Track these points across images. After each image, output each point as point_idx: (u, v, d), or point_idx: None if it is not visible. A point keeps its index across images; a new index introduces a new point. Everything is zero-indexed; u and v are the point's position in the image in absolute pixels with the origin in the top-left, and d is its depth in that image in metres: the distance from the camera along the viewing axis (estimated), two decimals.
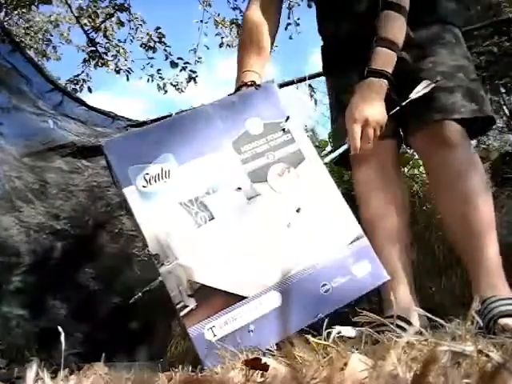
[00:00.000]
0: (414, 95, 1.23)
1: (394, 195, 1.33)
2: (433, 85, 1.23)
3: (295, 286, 1.08)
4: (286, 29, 5.04)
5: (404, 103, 1.24)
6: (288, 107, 1.28)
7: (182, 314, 1.04)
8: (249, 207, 1.16)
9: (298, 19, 5.05)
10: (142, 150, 1.20)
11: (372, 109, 1.20)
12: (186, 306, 1.05)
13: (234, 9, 5.25)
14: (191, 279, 1.07)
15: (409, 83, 1.24)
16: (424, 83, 1.24)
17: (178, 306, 1.05)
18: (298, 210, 1.16)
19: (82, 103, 2.35)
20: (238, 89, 1.36)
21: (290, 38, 5.14)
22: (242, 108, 1.26)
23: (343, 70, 1.41)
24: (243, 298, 1.07)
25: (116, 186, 1.57)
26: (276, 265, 1.11)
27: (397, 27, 1.22)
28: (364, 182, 1.36)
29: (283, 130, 1.23)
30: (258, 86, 1.29)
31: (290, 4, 4.92)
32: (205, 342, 1.01)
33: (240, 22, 5.18)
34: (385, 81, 1.20)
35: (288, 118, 1.24)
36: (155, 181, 1.16)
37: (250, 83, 1.31)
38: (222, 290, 1.07)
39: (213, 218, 1.14)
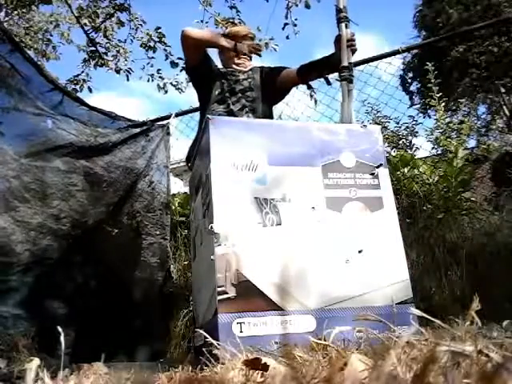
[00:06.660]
0: None
1: None
2: None
3: (333, 320, 1.08)
4: (283, 29, 5.01)
5: None
6: (384, 155, 1.34)
7: (219, 298, 1.06)
8: (316, 229, 1.20)
9: (296, 19, 5.01)
10: (242, 139, 1.27)
11: None
12: (226, 293, 1.07)
13: (231, 8, 5.21)
14: (240, 270, 1.10)
15: None
16: None
17: (219, 290, 1.07)
18: (360, 251, 1.19)
19: (83, 103, 2.33)
20: None
21: (287, 37, 5.11)
22: (343, 139, 1.33)
23: None
24: (280, 308, 1.08)
25: (190, 162, 1.57)
26: (323, 292, 1.12)
27: None
28: None
29: (372, 173, 1.29)
30: (365, 125, 1.35)
31: (288, 4, 4.89)
32: (229, 333, 1.02)
33: (236, 21, 5.16)
34: None
35: (381, 164, 1.30)
36: (242, 169, 1.22)
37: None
38: (264, 293, 1.09)
39: (279, 224, 1.18)
